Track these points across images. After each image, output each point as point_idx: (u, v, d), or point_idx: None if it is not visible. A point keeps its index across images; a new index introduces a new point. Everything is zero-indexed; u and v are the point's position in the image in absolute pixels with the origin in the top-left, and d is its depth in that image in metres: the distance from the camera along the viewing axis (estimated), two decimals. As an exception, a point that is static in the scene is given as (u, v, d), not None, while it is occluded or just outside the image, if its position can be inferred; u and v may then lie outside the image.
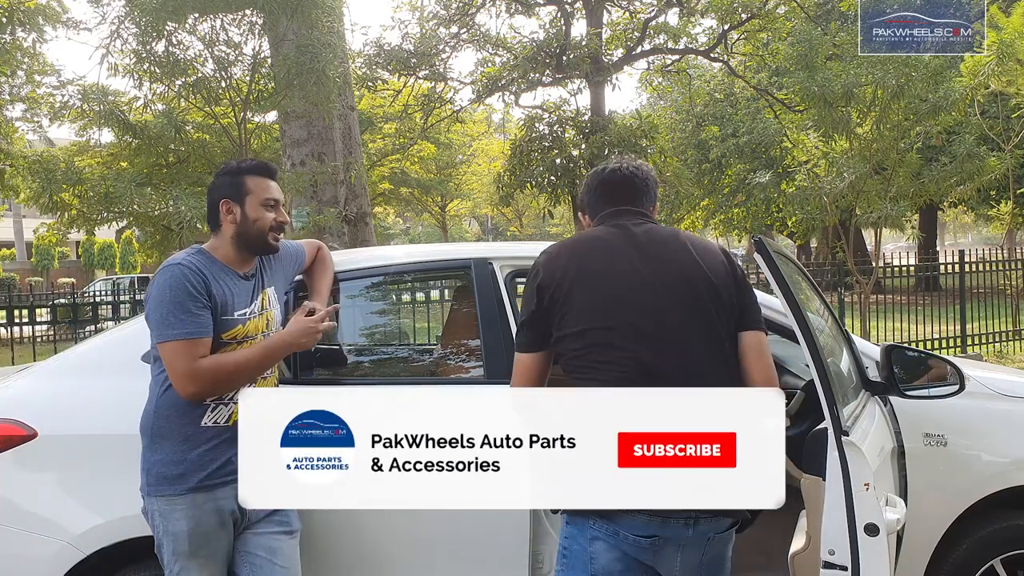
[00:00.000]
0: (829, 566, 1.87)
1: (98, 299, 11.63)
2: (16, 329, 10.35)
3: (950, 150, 10.82)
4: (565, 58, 13.48)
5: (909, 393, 2.47)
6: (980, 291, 10.50)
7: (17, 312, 10.33)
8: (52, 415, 2.55)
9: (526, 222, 31.29)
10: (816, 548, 1.94)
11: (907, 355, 2.65)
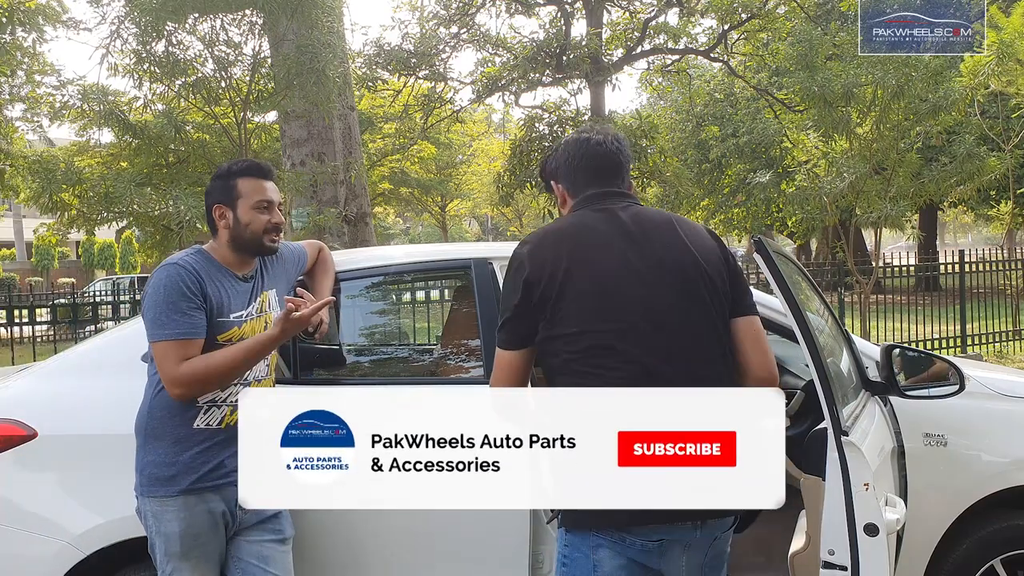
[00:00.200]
0: (829, 566, 1.87)
1: (98, 299, 11.64)
2: (16, 329, 10.33)
3: (950, 150, 10.83)
4: (565, 58, 13.48)
5: (909, 393, 2.48)
6: (980, 291, 10.50)
7: (17, 312, 10.32)
8: (52, 415, 2.55)
9: (526, 222, 31.21)
10: (816, 548, 1.94)
11: (907, 355, 2.65)
